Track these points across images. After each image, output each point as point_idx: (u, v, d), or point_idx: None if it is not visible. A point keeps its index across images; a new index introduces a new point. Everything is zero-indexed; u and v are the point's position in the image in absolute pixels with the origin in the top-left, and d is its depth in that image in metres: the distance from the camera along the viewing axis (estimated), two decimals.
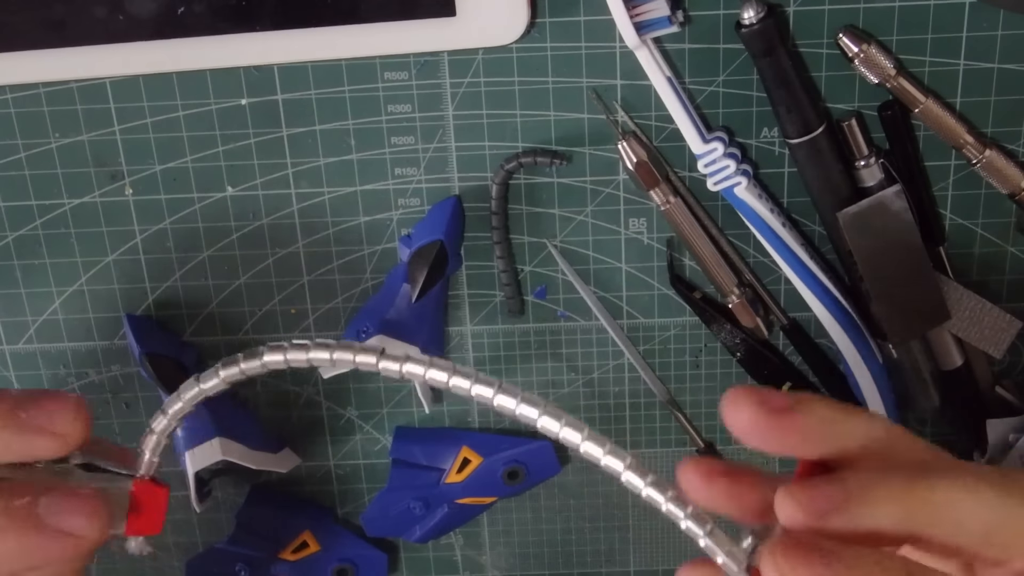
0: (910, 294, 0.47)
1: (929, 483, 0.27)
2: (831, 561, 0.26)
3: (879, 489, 0.27)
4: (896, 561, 0.26)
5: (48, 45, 0.44)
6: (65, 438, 0.29)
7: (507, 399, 0.29)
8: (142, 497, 0.30)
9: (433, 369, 0.29)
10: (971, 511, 0.27)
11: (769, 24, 0.44)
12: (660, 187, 0.47)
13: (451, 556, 0.57)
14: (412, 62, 0.46)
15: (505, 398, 0.29)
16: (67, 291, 0.51)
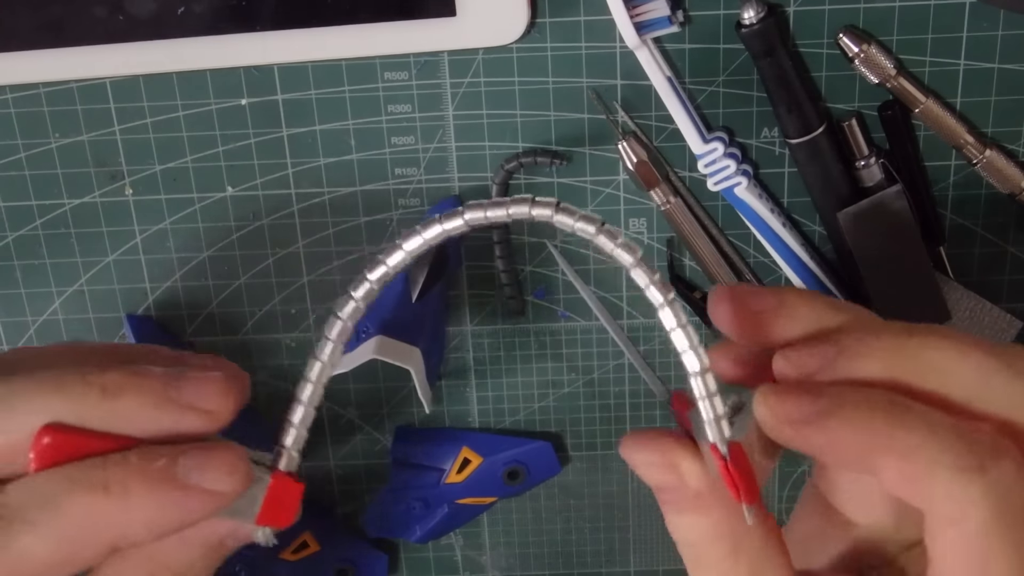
0: (910, 294, 0.47)
1: (920, 340, 0.28)
2: (818, 396, 0.27)
3: (870, 343, 0.28)
4: (881, 394, 0.27)
5: (48, 45, 0.44)
6: (215, 416, 0.29)
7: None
8: (279, 490, 0.30)
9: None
10: (958, 370, 0.28)
11: (769, 24, 0.44)
12: (660, 187, 0.47)
13: (451, 556, 0.57)
14: (412, 62, 0.46)
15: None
16: (67, 291, 0.51)
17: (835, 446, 0.27)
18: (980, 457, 0.27)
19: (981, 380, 0.28)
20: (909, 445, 0.27)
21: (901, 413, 0.27)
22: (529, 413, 0.53)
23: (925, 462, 0.27)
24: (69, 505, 0.27)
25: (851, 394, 0.27)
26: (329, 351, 0.30)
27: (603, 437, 0.54)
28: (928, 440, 0.27)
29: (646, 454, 0.29)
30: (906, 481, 0.27)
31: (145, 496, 0.28)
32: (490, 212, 0.29)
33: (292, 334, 0.52)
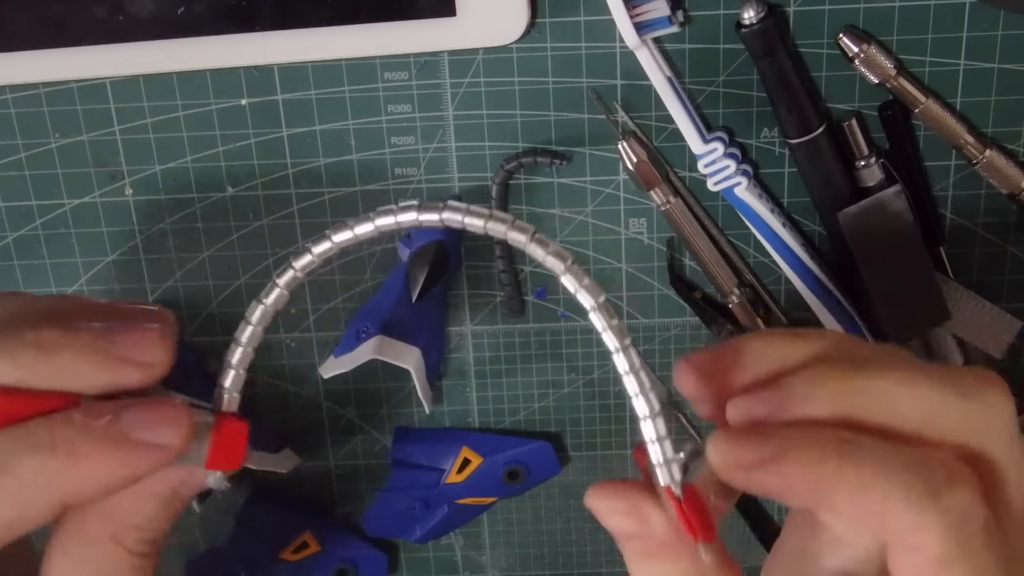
0: (910, 294, 0.47)
1: (866, 375, 0.29)
2: (767, 438, 0.28)
3: (817, 386, 0.29)
4: (830, 433, 0.28)
5: (48, 45, 0.44)
6: (152, 368, 0.29)
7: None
8: (224, 432, 0.30)
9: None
10: (907, 401, 0.28)
11: (769, 24, 0.44)
12: (660, 187, 0.47)
13: (451, 556, 0.57)
14: (412, 62, 0.46)
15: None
16: (67, 291, 0.51)
17: (788, 488, 0.28)
18: (933, 484, 0.27)
19: (930, 409, 0.29)
20: (860, 481, 0.27)
21: (850, 450, 0.27)
22: (529, 413, 0.53)
23: (878, 495, 0.27)
24: (17, 466, 0.28)
25: (799, 436, 0.28)
26: (274, 296, 0.30)
27: (603, 437, 0.54)
28: (878, 473, 0.27)
29: (612, 502, 0.29)
30: (861, 516, 0.27)
31: (92, 453, 0.28)
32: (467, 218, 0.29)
33: (292, 334, 0.52)
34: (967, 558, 0.27)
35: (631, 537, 0.29)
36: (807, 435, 0.28)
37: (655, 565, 0.29)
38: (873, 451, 0.28)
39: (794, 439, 0.28)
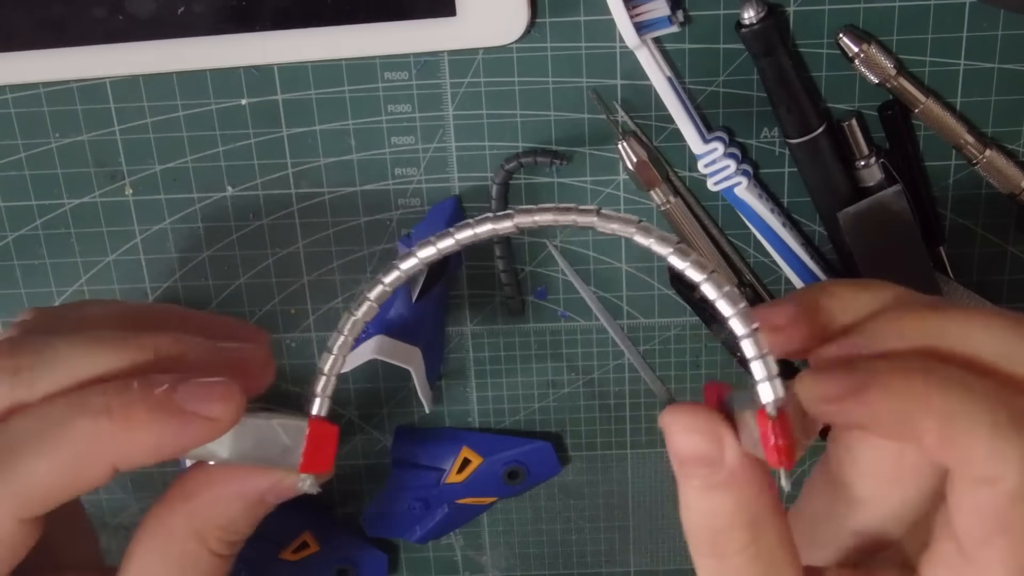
0: None
1: (942, 314, 0.29)
2: (853, 370, 0.28)
3: (896, 327, 0.29)
4: (915, 360, 0.28)
5: (48, 45, 0.44)
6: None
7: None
8: (315, 436, 0.31)
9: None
10: (982, 339, 0.28)
11: (769, 24, 0.44)
12: (660, 187, 0.47)
13: (451, 556, 0.57)
14: (412, 62, 0.46)
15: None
16: (67, 291, 0.51)
17: (876, 416, 0.27)
18: (1017, 417, 0.27)
19: (1003, 346, 0.28)
20: (948, 407, 0.27)
21: (937, 378, 0.27)
22: (529, 413, 0.53)
23: (965, 423, 0.27)
24: (72, 429, 0.28)
25: (886, 365, 0.28)
26: (364, 309, 0.31)
27: (603, 437, 0.54)
28: (966, 401, 0.27)
29: (692, 419, 0.28)
30: (946, 443, 0.27)
31: (145, 420, 0.29)
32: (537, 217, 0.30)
33: (292, 334, 0.52)
34: None
35: (701, 462, 0.28)
36: (893, 364, 0.28)
37: (720, 497, 0.28)
38: (961, 380, 0.27)
39: (881, 369, 0.28)
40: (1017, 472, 0.27)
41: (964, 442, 0.27)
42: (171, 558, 0.31)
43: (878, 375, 0.27)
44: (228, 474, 0.31)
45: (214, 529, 0.31)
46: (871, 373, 0.28)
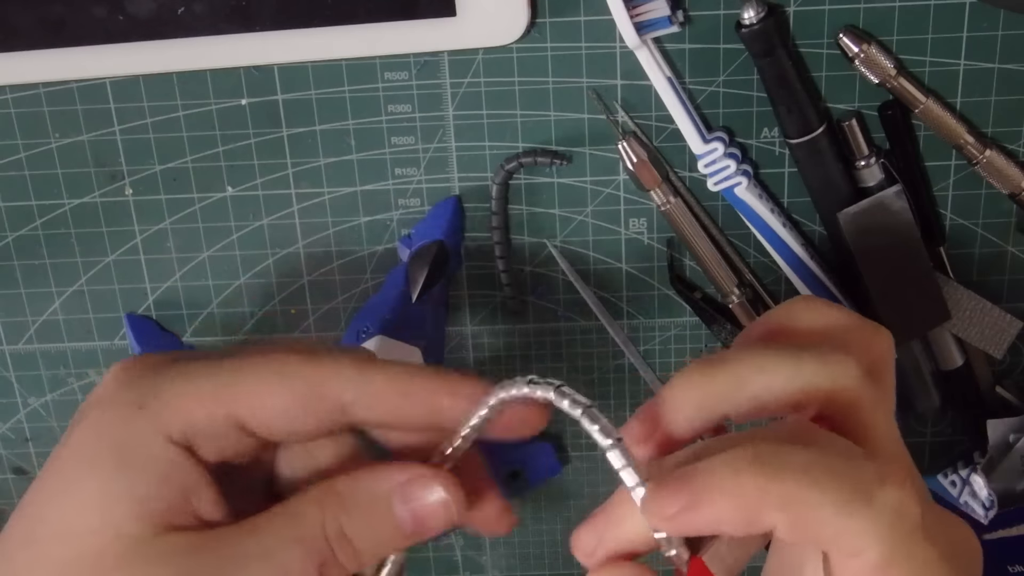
0: (910, 294, 0.47)
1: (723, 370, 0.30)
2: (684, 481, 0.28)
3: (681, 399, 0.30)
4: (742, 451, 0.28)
5: (48, 45, 0.44)
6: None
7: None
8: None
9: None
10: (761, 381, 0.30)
11: (769, 24, 0.44)
12: (660, 187, 0.47)
13: (451, 556, 0.57)
14: (412, 62, 0.46)
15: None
16: (67, 291, 0.51)
17: (722, 520, 0.28)
18: (862, 487, 0.27)
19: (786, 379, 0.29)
20: (787, 495, 0.27)
21: (770, 467, 0.27)
22: None
23: (809, 507, 0.27)
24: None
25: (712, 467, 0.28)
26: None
27: None
28: (802, 483, 0.27)
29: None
30: (797, 529, 0.27)
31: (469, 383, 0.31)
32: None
33: (292, 334, 0.52)
34: (909, 552, 0.27)
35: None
36: (720, 463, 0.28)
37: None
38: (793, 460, 0.27)
39: (713, 471, 0.27)
40: (875, 543, 0.27)
41: (815, 526, 0.27)
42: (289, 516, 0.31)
43: (712, 479, 0.27)
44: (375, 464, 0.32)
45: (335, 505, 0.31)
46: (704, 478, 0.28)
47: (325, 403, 0.31)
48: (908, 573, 0.27)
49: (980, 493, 0.48)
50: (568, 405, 0.29)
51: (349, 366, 0.31)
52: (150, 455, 0.30)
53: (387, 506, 0.31)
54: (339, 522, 0.31)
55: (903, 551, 0.27)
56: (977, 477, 0.48)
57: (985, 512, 0.48)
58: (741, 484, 0.27)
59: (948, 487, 0.50)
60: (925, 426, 0.52)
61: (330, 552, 0.31)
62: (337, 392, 0.31)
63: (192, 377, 0.30)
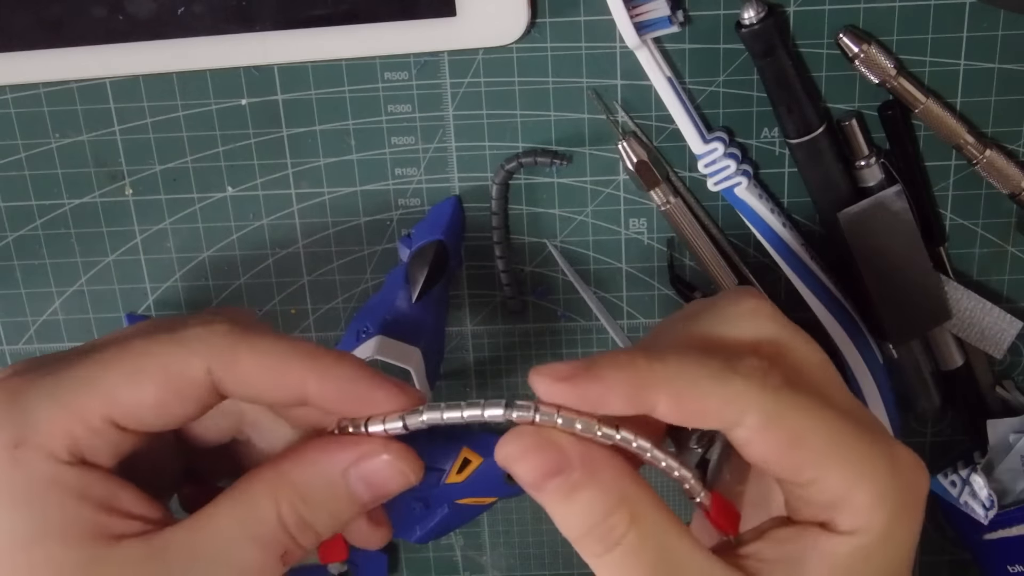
0: (910, 294, 0.47)
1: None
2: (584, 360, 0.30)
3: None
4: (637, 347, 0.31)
5: (48, 45, 0.44)
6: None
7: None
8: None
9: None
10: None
11: (769, 24, 0.44)
12: (660, 187, 0.47)
13: (451, 556, 0.57)
14: (412, 62, 0.46)
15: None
16: (67, 291, 0.51)
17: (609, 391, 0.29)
18: (727, 360, 0.30)
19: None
20: (667, 372, 0.29)
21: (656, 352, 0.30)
22: None
23: (686, 381, 0.29)
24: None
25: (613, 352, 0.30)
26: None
27: None
28: (683, 363, 0.30)
29: (522, 442, 0.30)
30: (680, 404, 0.29)
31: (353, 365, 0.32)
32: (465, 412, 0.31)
33: (292, 334, 0.51)
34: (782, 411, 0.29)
35: (551, 474, 0.29)
36: (615, 351, 0.30)
37: (585, 493, 0.29)
38: (675, 349, 0.31)
39: (608, 354, 0.30)
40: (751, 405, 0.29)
41: (693, 399, 0.29)
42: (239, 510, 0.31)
43: (605, 357, 0.30)
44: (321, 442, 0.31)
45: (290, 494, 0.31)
46: (599, 357, 0.30)
47: (193, 387, 0.30)
48: (790, 425, 0.29)
49: (980, 493, 0.48)
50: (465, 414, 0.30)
51: (215, 344, 0.30)
52: (47, 483, 0.29)
53: (343, 485, 0.31)
54: (297, 511, 0.31)
55: (780, 406, 0.29)
56: (977, 477, 0.48)
57: (985, 512, 0.48)
58: (632, 359, 0.30)
59: (948, 487, 0.50)
60: (925, 426, 0.52)
61: (291, 541, 0.31)
62: (202, 374, 0.30)
63: (57, 391, 0.30)
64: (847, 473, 0.30)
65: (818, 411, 0.30)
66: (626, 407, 0.29)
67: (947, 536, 0.55)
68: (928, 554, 0.55)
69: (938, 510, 0.54)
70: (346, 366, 0.31)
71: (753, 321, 0.32)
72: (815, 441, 0.30)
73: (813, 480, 0.30)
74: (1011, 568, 0.50)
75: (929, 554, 0.55)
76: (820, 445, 0.30)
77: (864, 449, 0.30)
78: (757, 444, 0.30)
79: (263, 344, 0.31)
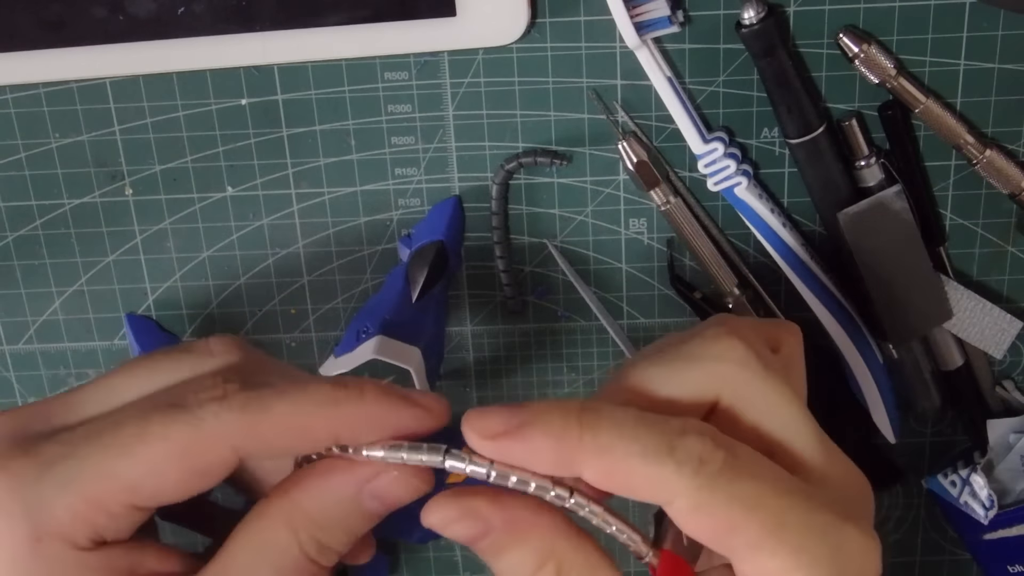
0: (910, 294, 0.47)
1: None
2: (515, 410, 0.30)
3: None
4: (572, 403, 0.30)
5: (48, 45, 0.44)
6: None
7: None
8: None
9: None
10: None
11: (769, 24, 0.44)
12: (660, 187, 0.47)
13: (451, 556, 0.57)
14: (412, 62, 0.46)
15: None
16: (67, 291, 0.51)
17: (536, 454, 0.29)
18: (666, 439, 0.29)
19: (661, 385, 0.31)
20: (598, 443, 0.29)
21: (590, 417, 0.29)
22: None
23: (618, 456, 0.29)
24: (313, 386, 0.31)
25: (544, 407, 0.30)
26: None
27: None
28: (614, 435, 0.29)
29: (447, 511, 0.31)
30: (609, 477, 0.29)
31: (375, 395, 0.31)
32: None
33: (292, 334, 0.52)
34: (715, 500, 0.29)
35: (478, 537, 0.30)
36: (551, 406, 0.30)
37: (512, 551, 0.30)
38: (613, 416, 0.29)
39: (540, 410, 0.30)
40: (681, 490, 0.29)
41: (622, 474, 0.29)
42: (259, 547, 0.31)
43: (537, 414, 0.29)
44: (326, 467, 0.31)
45: (306, 523, 0.31)
46: (531, 412, 0.29)
47: (217, 466, 0.30)
48: (722, 515, 0.29)
49: (980, 493, 0.48)
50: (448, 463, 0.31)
51: (236, 422, 0.30)
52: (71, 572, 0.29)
53: (357, 505, 0.32)
54: (316, 538, 0.31)
55: (713, 496, 0.29)
56: (977, 477, 0.48)
57: (985, 512, 0.48)
58: (564, 425, 0.29)
59: (948, 487, 0.50)
60: (925, 426, 0.52)
61: (314, 565, 0.31)
62: (227, 453, 0.30)
63: (76, 482, 0.29)
64: (782, 562, 0.29)
65: (757, 497, 0.29)
66: (553, 471, 0.30)
67: (947, 536, 0.55)
68: (928, 554, 0.55)
69: (938, 510, 0.54)
70: (369, 402, 0.31)
71: (714, 370, 0.31)
72: (749, 528, 0.29)
73: (748, 561, 0.29)
74: (1011, 568, 0.50)
75: (929, 554, 0.55)
76: (754, 532, 0.29)
77: (806, 536, 0.29)
78: (687, 525, 0.30)
79: (282, 407, 0.30)
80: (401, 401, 0.32)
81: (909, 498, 0.54)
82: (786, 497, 0.29)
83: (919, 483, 0.53)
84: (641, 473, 0.29)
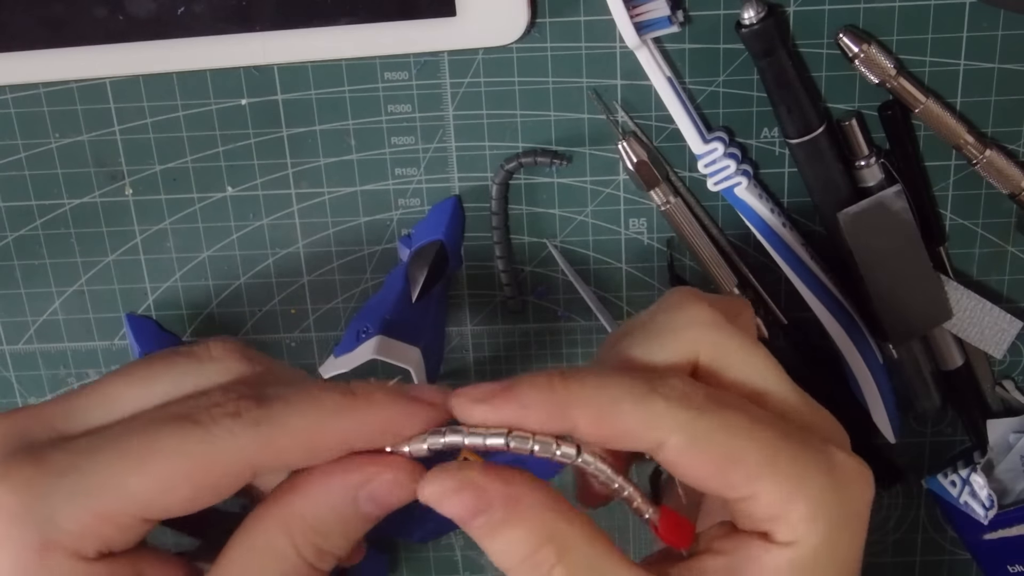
0: (910, 294, 0.47)
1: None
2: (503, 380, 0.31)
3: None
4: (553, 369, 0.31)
5: (48, 45, 0.44)
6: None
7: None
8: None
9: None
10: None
11: (769, 24, 0.44)
12: (660, 187, 0.47)
13: (451, 556, 0.57)
14: (412, 62, 0.46)
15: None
16: (67, 291, 0.51)
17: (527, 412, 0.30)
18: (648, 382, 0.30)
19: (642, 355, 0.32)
20: (586, 394, 0.29)
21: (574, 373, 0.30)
22: None
23: (607, 405, 0.29)
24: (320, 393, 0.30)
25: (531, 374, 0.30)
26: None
27: None
28: (601, 385, 0.30)
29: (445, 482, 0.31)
30: (600, 424, 0.29)
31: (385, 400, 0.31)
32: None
33: (292, 334, 0.52)
34: (711, 428, 0.29)
35: (475, 513, 0.30)
36: (535, 372, 0.30)
37: (509, 531, 0.30)
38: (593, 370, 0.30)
39: (524, 376, 0.30)
40: (673, 428, 0.29)
41: (613, 419, 0.29)
42: (258, 554, 0.30)
43: (524, 378, 0.30)
44: (324, 470, 0.31)
45: (304, 529, 0.31)
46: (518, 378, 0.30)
47: (229, 481, 0.30)
48: (718, 445, 0.29)
49: (980, 493, 0.48)
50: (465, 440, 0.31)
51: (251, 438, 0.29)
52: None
53: (354, 509, 0.31)
54: (314, 543, 0.31)
55: (706, 426, 0.29)
56: (977, 477, 0.48)
57: (985, 512, 0.48)
58: (550, 381, 0.30)
59: (948, 487, 0.50)
60: (925, 426, 0.52)
61: (313, 569, 0.31)
62: (241, 469, 0.30)
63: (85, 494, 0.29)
64: (782, 488, 0.29)
65: (748, 427, 0.30)
66: (546, 427, 0.30)
67: (947, 536, 0.55)
68: (928, 554, 0.55)
69: (938, 510, 0.54)
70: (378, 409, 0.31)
71: (687, 334, 0.32)
72: (746, 459, 0.29)
73: (748, 496, 0.30)
74: (1011, 568, 0.50)
75: (929, 554, 0.55)
76: (752, 462, 0.29)
77: (800, 462, 0.30)
78: (684, 465, 0.30)
79: (296, 421, 0.30)
80: (409, 403, 0.31)
81: (909, 498, 0.54)
82: (774, 428, 0.30)
83: (919, 483, 0.53)
84: (632, 413, 0.29)
